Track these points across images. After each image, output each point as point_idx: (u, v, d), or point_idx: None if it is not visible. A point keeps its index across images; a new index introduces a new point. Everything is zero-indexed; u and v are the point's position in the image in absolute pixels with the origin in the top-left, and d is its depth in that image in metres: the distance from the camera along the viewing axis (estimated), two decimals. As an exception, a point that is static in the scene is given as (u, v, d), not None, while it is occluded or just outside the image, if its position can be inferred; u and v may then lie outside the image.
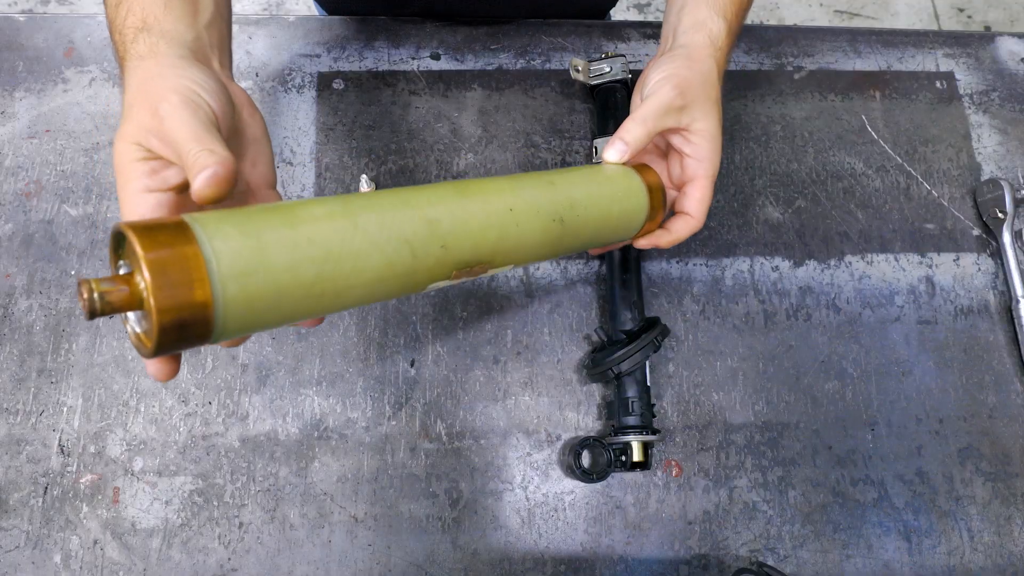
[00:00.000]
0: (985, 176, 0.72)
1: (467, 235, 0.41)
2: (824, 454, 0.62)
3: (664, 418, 0.62)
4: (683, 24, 0.54)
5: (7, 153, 0.67)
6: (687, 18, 0.54)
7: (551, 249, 0.47)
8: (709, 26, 0.53)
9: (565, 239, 0.47)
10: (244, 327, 0.32)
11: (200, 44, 0.42)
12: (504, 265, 0.45)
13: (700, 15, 0.54)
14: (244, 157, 0.42)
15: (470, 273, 0.42)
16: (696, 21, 0.54)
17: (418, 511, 0.59)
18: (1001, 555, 0.61)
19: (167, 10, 0.42)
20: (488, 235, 0.42)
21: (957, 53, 0.77)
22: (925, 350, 0.66)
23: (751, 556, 0.60)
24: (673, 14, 0.56)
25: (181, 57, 0.39)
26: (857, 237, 0.69)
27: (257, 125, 0.43)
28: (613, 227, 0.50)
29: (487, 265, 0.43)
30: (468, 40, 0.74)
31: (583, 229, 0.48)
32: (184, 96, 0.36)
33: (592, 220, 0.48)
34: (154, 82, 0.37)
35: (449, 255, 0.40)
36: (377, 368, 0.62)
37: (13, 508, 0.57)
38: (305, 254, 0.33)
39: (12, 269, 0.63)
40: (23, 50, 0.70)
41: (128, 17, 0.42)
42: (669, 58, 0.52)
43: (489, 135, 0.70)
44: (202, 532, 0.57)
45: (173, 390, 0.61)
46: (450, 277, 0.41)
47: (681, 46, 0.53)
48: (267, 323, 0.33)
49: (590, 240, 0.50)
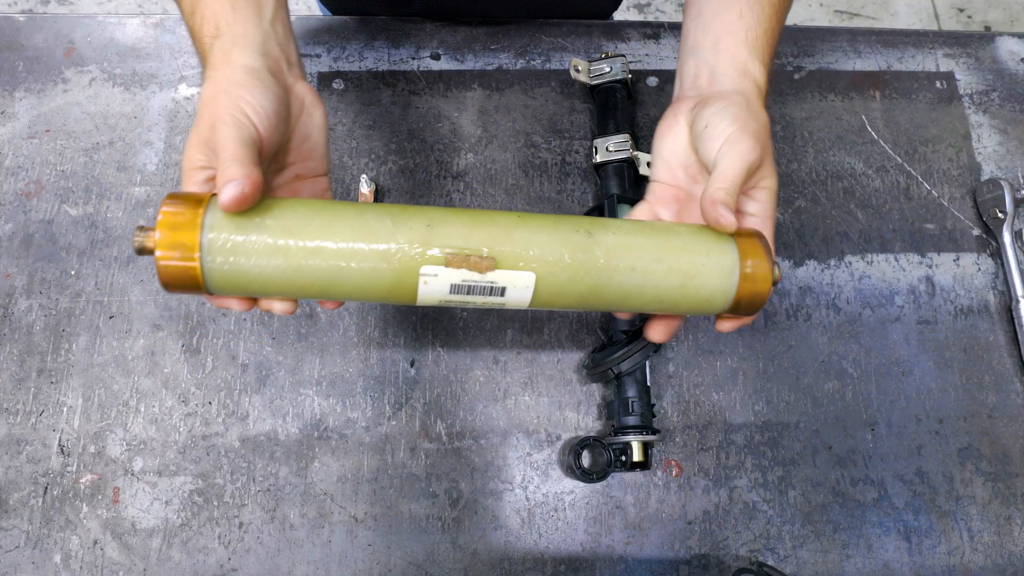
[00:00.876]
0: (985, 176, 0.72)
1: (458, 220, 0.41)
2: (824, 454, 0.62)
3: (664, 418, 0.62)
4: (722, 65, 0.51)
5: (7, 153, 0.67)
6: (726, 59, 0.51)
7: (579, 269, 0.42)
8: (753, 73, 0.50)
9: (596, 257, 0.42)
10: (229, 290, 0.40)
11: (268, 45, 0.46)
12: (515, 267, 0.41)
13: (740, 57, 0.50)
14: (300, 151, 0.47)
15: (468, 263, 0.40)
16: (738, 64, 0.50)
17: (418, 511, 0.59)
18: (1001, 555, 0.61)
19: (235, 13, 0.46)
20: (485, 224, 0.41)
21: (957, 53, 0.77)
22: (925, 350, 0.66)
23: (751, 556, 0.60)
24: (707, 50, 0.52)
25: (248, 71, 0.44)
26: (857, 237, 0.69)
27: (315, 122, 0.48)
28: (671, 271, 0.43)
29: (491, 260, 0.41)
30: (468, 40, 0.74)
31: (622, 254, 0.42)
32: (235, 118, 0.41)
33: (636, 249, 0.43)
34: (217, 99, 0.42)
35: (435, 234, 0.40)
36: (377, 368, 0.62)
37: (13, 508, 0.57)
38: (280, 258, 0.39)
39: (12, 269, 0.63)
40: (23, 50, 0.70)
41: (204, 25, 0.46)
42: (728, 104, 0.48)
43: (489, 135, 0.70)
44: (202, 532, 0.57)
45: (173, 390, 0.61)
46: (445, 261, 0.40)
47: (735, 92, 0.49)
48: (248, 292, 0.41)
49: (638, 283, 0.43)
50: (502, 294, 0.42)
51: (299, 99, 0.47)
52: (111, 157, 0.67)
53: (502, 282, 0.41)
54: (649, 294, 0.44)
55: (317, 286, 0.40)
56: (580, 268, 0.42)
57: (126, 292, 0.63)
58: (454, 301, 0.42)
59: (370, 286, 0.41)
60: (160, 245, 0.38)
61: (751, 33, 0.51)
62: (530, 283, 0.41)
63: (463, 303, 0.42)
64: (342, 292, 0.41)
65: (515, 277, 0.41)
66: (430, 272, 0.40)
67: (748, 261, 0.43)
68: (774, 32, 0.53)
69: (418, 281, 0.40)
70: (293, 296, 0.43)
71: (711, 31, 0.52)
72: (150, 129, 0.68)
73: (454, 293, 0.41)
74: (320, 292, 0.41)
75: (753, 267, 0.43)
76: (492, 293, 0.41)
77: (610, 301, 0.44)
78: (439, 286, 0.41)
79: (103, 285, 0.63)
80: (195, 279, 0.39)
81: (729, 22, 0.51)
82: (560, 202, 0.68)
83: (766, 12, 0.52)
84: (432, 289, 0.41)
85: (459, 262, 0.40)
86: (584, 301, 0.44)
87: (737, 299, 0.44)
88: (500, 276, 0.41)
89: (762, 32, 0.51)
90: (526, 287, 0.42)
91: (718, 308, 0.45)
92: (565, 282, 0.42)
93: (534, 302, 0.43)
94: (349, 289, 0.41)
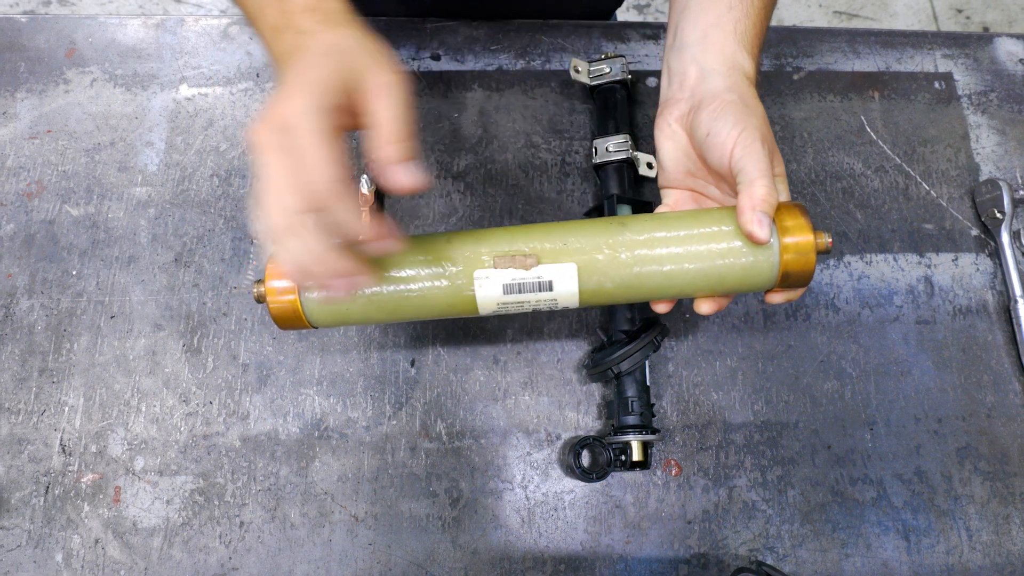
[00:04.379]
0: (983, 176, 0.72)
1: (500, 233, 0.47)
2: (823, 453, 0.63)
3: (664, 418, 0.63)
4: (711, 60, 0.50)
5: (9, 153, 0.67)
6: (714, 53, 0.50)
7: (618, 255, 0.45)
8: (742, 64, 0.50)
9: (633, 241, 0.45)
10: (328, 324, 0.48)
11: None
12: (557, 260, 0.45)
13: (728, 50, 0.50)
14: None
15: (514, 263, 0.45)
16: (726, 58, 0.50)
17: (418, 510, 0.59)
18: (999, 554, 0.61)
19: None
20: (523, 231, 0.46)
21: (956, 54, 0.77)
22: (924, 350, 0.66)
23: (750, 555, 0.60)
24: (694, 45, 0.51)
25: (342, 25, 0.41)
26: (856, 237, 0.69)
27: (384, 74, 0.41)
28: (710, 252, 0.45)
29: (534, 257, 0.45)
30: (468, 40, 0.74)
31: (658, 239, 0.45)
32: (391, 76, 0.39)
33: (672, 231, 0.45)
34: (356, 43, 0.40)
35: (483, 244, 0.46)
36: (377, 368, 0.62)
37: (15, 507, 0.57)
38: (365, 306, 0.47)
39: (14, 269, 0.63)
40: (25, 51, 0.71)
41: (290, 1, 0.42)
42: (724, 105, 0.47)
43: (489, 135, 0.70)
44: (203, 531, 0.58)
45: (174, 390, 0.61)
46: (494, 263, 0.45)
47: (727, 90, 0.48)
48: (341, 324, 0.49)
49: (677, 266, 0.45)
50: (551, 288, 0.45)
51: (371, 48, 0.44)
52: (112, 157, 0.67)
53: (548, 276, 0.45)
54: (691, 274, 0.45)
55: (390, 308, 0.46)
56: (618, 254, 0.45)
57: (127, 292, 0.63)
58: (511, 304, 0.46)
59: (437, 301, 0.46)
60: (269, 292, 0.46)
61: (740, 26, 0.50)
62: (573, 273, 0.45)
63: (520, 304, 0.46)
64: (414, 310, 0.47)
65: (558, 270, 0.45)
66: (482, 275, 0.45)
67: (789, 233, 0.44)
68: (763, 25, 0.52)
69: (474, 286, 0.45)
70: (379, 321, 0.48)
71: (699, 24, 0.51)
72: (151, 129, 0.68)
73: (507, 293, 0.45)
74: (393, 313, 0.47)
75: (796, 239, 0.44)
76: (541, 289, 0.45)
77: (653, 287, 0.46)
78: (493, 288, 0.45)
79: (104, 285, 0.63)
80: (298, 314, 0.46)
81: (717, 15, 0.51)
82: (560, 202, 0.68)
83: (755, 5, 0.51)
84: (487, 293, 0.45)
85: (506, 263, 0.45)
86: (629, 288, 0.46)
87: (783, 272, 0.45)
88: (545, 270, 0.45)
89: (751, 25, 0.51)
90: (570, 277, 0.45)
91: (765, 283, 0.46)
92: (607, 267, 0.45)
93: (583, 294, 0.46)
94: (422, 307, 0.46)
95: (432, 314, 0.47)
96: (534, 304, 0.46)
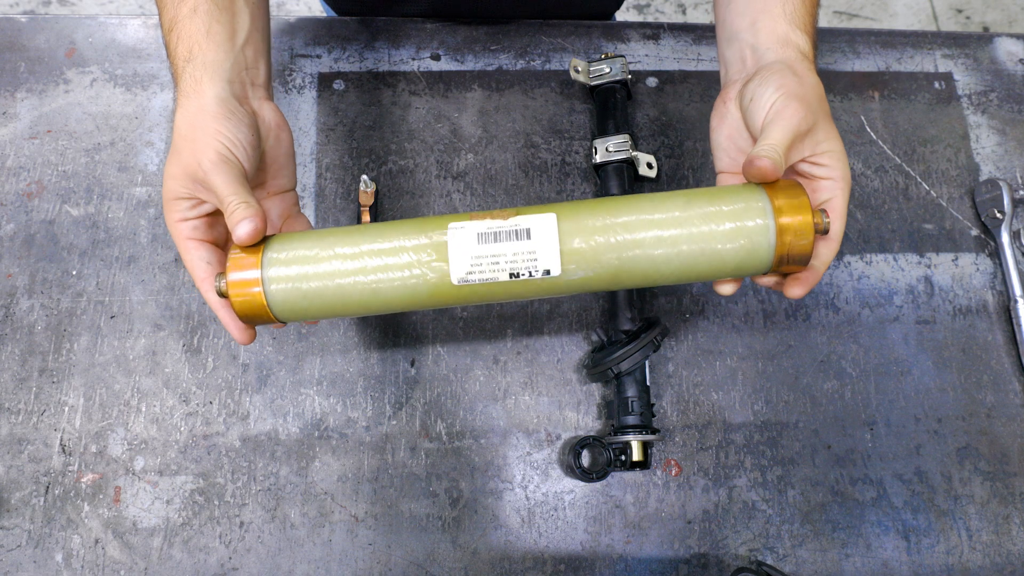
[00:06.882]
0: (983, 176, 0.72)
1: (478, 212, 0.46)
2: (823, 453, 0.63)
3: (664, 418, 0.63)
4: (762, 41, 0.50)
5: (9, 153, 0.67)
6: (766, 34, 0.50)
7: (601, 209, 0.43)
8: (795, 41, 0.49)
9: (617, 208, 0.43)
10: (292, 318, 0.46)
11: (238, 70, 0.49)
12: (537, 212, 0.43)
13: (780, 30, 0.49)
14: (268, 171, 0.51)
15: (491, 215, 0.43)
16: (778, 36, 0.49)
17: (418, 510, 0.59)
18: (999, 554, 0.61)
19: (208, 38, 0.48)
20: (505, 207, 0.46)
21: (955, 54, 0.77)
22: (924, 350, 0.66)
23: (750, 555, 0.60)
24: (745, 31, 0.51)
25: (219, 102, 0.46)
26: (856, 237, 0.69)
27: (283, 145, 0.51)
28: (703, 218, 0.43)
29: (512, 211, 0.43)
30: (468, 41, 0.74)
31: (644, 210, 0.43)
32: (221, 156, 0.45)
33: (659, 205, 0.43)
34: (196, 134, 0.45)
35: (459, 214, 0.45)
36: (377, 368, 0.62)
37: (15, 507, 0.57)
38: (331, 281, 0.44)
39: (14, 269, 0.63)
40: (25, 51, 0.71)
41: (179, 46, 0.48)
42: (771, 73, 0.47)
43: (489, 135, 0.70)
44: (203, 531, 0.58)
45: (174, 390, 0.61)
46: (469, 217, 0.44)
47: (777, 61, 0.48)
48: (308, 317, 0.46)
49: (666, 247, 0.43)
50: (528, 236, 0.43)
51: (266, 123, 0.50)
52: (112, 157, 0.67)
53: (526, 224, 0.43)
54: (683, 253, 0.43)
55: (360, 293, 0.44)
56: (604, 220, 0.43)
57: (127, 292, 0.63)
58: (485, 262, 0.43)
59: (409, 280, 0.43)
60: (231, 285, 0.44)
61: (788, 6, 0.50)
62: (552, 222, 0.43)
63: (496, 263, 0.43)
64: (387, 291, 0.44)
65: (537, 219, 0.43)
66: (457, 226, 0.43)
67: (784, 212, 0.42)
68: (813, 2, 0.52)
69: (446, 237, 0.43)
70: (348, 312, 0.46)
71: (747, 13, 0.51)
72: (151, 129, 0.68)
73: (482, 243, 0.43)
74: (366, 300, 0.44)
75: (791, 217, 0.42)
76: (519, 237, 0.43)
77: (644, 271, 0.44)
78: (466, 240, 0.43)
79: (104, 285, 0.63)
80: (263, 308, 0.44)
81: (764, 1, 0.50)
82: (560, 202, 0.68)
83: None
84: (460, 245, 0.43)
85: (482, 215, 0.44)
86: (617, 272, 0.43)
87: (779, 254, 0.43)
88: (523, 220, 0.43)
89: (800, 3, 0.50)
90: (550, 227, 0.43)
91: (762, 263, 0.43)
92: (591, 231, 0.43)
93: (564, 256, 0.43)
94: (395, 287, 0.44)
95: (404, 291, 0.44)
96: (511, 262, 0.43)
